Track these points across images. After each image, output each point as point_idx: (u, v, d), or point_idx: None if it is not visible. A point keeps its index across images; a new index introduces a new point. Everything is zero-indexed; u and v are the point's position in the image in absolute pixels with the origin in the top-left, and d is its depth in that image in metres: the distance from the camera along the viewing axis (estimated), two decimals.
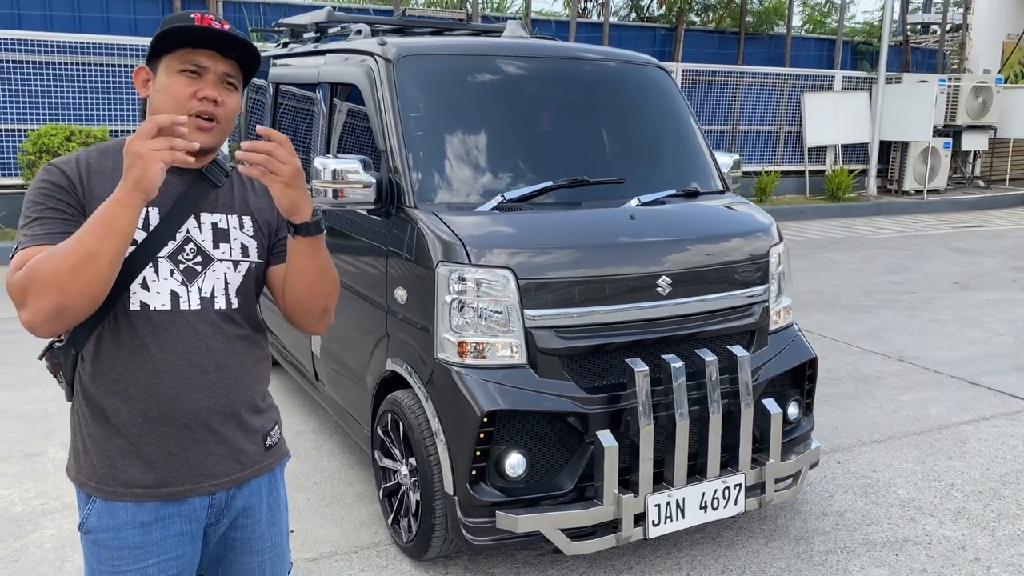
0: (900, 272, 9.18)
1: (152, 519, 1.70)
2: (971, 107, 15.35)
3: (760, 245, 3.47)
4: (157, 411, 1.67)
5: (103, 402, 1.68)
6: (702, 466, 3.14)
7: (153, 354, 1.66)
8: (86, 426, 1.71)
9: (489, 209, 3.22)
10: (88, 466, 1.70)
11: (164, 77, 1.67)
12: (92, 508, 1.70)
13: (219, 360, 1.72)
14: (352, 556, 3.33)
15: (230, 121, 1.73)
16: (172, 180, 1.70)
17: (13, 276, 1.53)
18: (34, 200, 1.63)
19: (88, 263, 1.49)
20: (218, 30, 1.65)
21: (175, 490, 1.70)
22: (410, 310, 3.21)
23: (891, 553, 3.40)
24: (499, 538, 2.95)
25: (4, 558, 3.26)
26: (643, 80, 3.98)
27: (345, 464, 4.16)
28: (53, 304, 1.50)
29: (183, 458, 1.70)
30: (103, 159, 1.70)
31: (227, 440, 1.75)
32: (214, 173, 1.77)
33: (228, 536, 1.83)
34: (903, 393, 5.31)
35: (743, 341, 3.35)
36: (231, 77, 1.71)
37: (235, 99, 1.72)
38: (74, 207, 1.63)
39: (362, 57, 3.68)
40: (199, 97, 1.66)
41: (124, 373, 1.66)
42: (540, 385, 2.98)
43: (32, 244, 1.57)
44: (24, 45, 9.81)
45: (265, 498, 1.85)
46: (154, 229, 1.67)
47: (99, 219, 1.50)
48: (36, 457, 4.18)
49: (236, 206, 1.79)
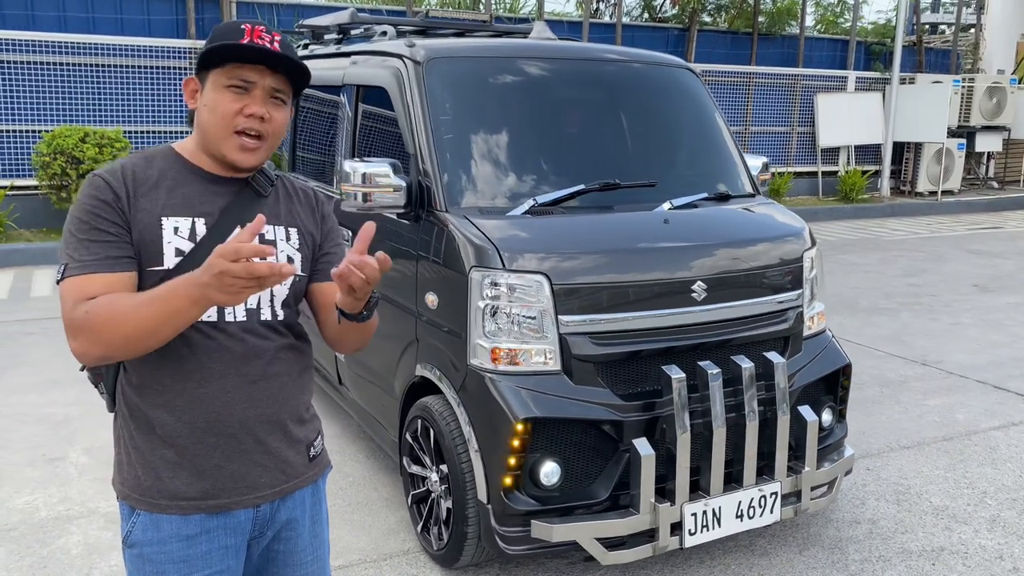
0: (918, 274, 9.11)
1: (197, 532, 1.67)
2: (985, 108, 15.25)
3: (794, 249, 3.43)
4: (204, 422, 1.65)
5: (148, 413, 1.65)
6: (738, 474, 3.09)
7: (200, 365, 1.64)
8: (130, 438, 1.69)
9: (521, 213, 3.18)
10: (132, 478, 1.68)
11: (211, 92, 1.64)
12: (136, 521, 1.68)
13: (265, 370, 1.70)
14: (382, 564, 3.29)
15: (277, 137, 1.70)
16: (219, 190, 1.69)
17: (73, 311, 1.54)
18: (80, 218, 1.60)
19: (145, 338, 1.52)
20: (266, 49, 1.61)
21: (220, 502, 1.68)
22: (441, 315, 3.17)
23: (927, 563, 3.35)
24: (534, 547, 2.91)
25: (32, 565, 3.23)
26: (672, 82, 3.94)
27: (370, 469, 4.13)
28: (103, 354, 1.55)
29: (229, 470, 1.68)
30: (149, 167, 1.67)
31: (272, 451, 1.72)
32: (260, 183, 1.74)
33: (271, 549, 1.80)
34: (928, 398, 5.25)
35: (778, 347, 3.31)
36: (279, 92, 1.67)
37: (283, 114, 1.69)
38: (120, 225, 1.60)
39: (390, 59, 3.64)
40: (246, 114, 1.63)
41: (170, 384, 1.64)
42: (575, 392, 2.94)
43: (82, 272, 1.57)
44: (38, 46, 9.81)
45: (308, 510, 1.82)
46: (200, 241, 1.64)
47: (167, 304, 1.47)
48: (59, 462, 4.16)
49: (282, 217, 1.77)
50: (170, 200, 1.64)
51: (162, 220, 1.62)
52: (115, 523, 3.56)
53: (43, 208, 9.83)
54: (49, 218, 9.90)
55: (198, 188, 1.68)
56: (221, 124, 1.63)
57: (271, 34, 1.64)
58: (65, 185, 9.30)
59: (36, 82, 9.87)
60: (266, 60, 1.62)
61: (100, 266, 1.57)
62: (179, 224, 1.63)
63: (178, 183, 1.67)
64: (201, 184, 1.68)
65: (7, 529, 3.50)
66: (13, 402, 4.95)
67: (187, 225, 1.64)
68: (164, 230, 1.62)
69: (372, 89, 3.82)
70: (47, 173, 9.24)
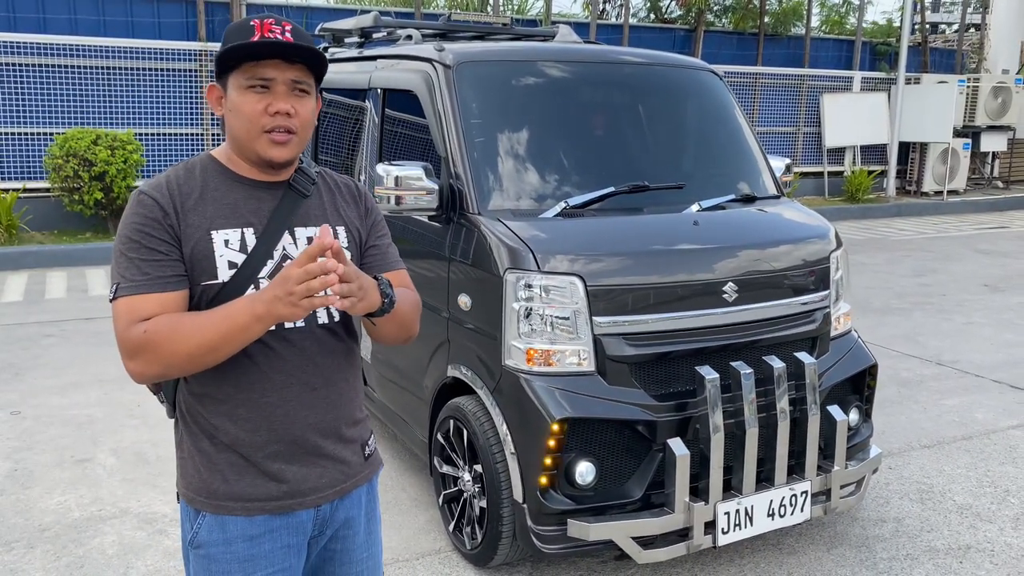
0: (928, 274, 9.14)
1: (260, 532, 1.70)
2: (990, 108, 15.28)
3: (821, 250, 3.46)
4: (267, 430, 1.68)
5: (211, 421, 1.68)
6: (769, 473, 3.12)
7: (263, 374, 1.66)
8: (194, 442, 1.71)
9: (553, 215, 3.21)
10: (198, 481, 1.70)
11: (234, 95, 1.63)
12: (202, 522, 1.70)
13: (326, 376, 1.73)
14: (415, 563, 3.32)
15: (307, 129, 1.68)
16: (262, 195, 1.69)
17: (128, 332, 1.55)
18: (129, 237, 1.60)
19: (208, 355, 1.55)
20: (279, 43, 1.59)
21: (284, 504, 1.70)
22: (475, 317, 3.20)
23: (955, 560, 3.38)
24: (570, 546, 2.94)
25: (69, 564, 3.26)
26: (697, 84, 3.97)
27: (397, 470, 4.16)
28: (161, 372, 1.58)
29: (291, 472, 1.70)
30: (191, 178, 1.67)
31: (332, 453, 1.75)
32: (301, 183, 1.74)
33: (328, 548, 1.83)
34: (946, 397, 5.28)
35: (806, 347, 3.34)
36: (301, 83, 1.64)
37: (308, 105, 1.67)
38: (170, 243, 1.60)
39: (419, 63, 3.67)
40: (271, 112, 1.62)
41: (232, 394, 1.66)
42: (609, 393, 2.97)
43: (135, 292, 1.57)
44: (50, 49, 9.85)
45: (364, 508, 1.85)
46: (252, 250, 1.65)
47: (231, 322, 1.52)
48: (87, 463, 4.19)
49: (328, 216, 1.77)
50: (218, 212, 1.64)
51: (212, 233, 1.63)
52: (149, 523, 3.60)
53: (55, 210, 9.86)
54: (61, 220, 9.93)
55: (242, 195, 1.68)
56: (249, 126, 1.62)
57: (281, 25, 1.62)
58: (77, 187, 9.34)
59: (48, 85, 9.91)
60: (281, 53, 1.60)
61: (152, 286, 1.57)
62: (229, 236, 1.64)
63: (222, 193, 1.67)
64: (244, 191, 1.68)
65: (41, 529, 3.53)
66: (37, 404, 4.98)
67: (237, 236, 1.64)
68: (215, 244, 1.63)
69: (399, 93, 3.85)
70: (59, 175, 9.27)
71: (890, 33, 17.19)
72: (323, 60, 1.66)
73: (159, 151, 10.48)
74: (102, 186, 9.34)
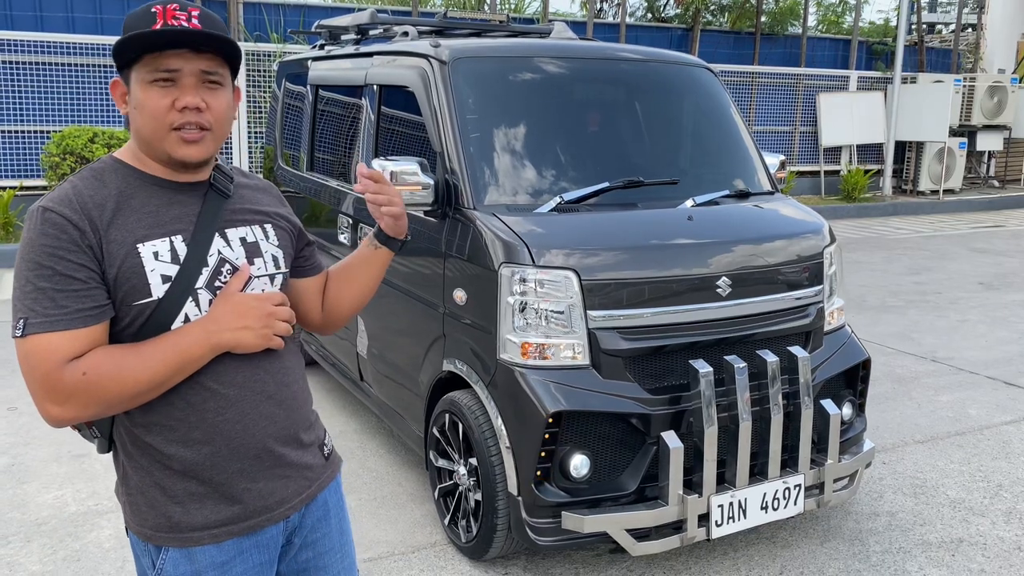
0: (923, 272, 9.17)
1: (230, 556, 1.59)
2: (986, 107, 15.33)
3: (814, 245, 3.48)
4: (226, 449, 1.55)
5: (163, 451, 1.53)
6: (762, 466, 3.14)
7: (214, 392, 1.53)
8: (145, 476, 1.55)
9: (548, 210, 3.23)
10: (155, 516, 1.55)
11: (137, 91, 1.47)
12: (166, 558, 1.56)
13: (278, 380, 1.62)
14: (410, 556, 3.34)
15: (223, 124, 1.53)
16: (183, 199, 1.55)
17: (62, 374, 1.38)
18: (39, 263, 1.40)
19: (154, 391, 1.46)
20: (184, 30, 1.43)
21: (252, 523, 1.60)
22: (470, 311, 3.22)
23: (947, 554, 3.40)
24: (564, 539, 2.96)
25: (66, 558, 3.28)
26: (691, 80, 3.99)
27: (392, 464, 4.17)
28: (94, 414, 1.44)
29: (256, 489, 1.59)
30: (101, 187, 1.49)
31: (294, 460, 1.65)
32: (222, 183, 1.61)
33: (299, 558, 1.72)
34: (940, 394, 5.30)
35: (800, 342, 3.36)
36: (212, 75, 1.49)
37: (222, 98, 1.52)
38: (90, 268, 1.42)
39: (415, 59, 3.69)
40: (178, 108, 1.46)
41: (183, 419, 1.52)
42: (604, 386, 2.99)
43: (51, 329, 1.39)
44: (47, 47, 9.85)
45: (332, 508, 1.76)
46: (185, 259, 1.50)
47: (185, 355, 1.45)
48: (84, 458, 4.20)
49: (254, 213, 1.66)
50: (140, 222, 1.48)
51: (138, 247, 1.47)
52: None
53: None
54: None
55: (163, 201, 1.53)
56: (155, 124, 1.47)
57: (187, 11, 1.46)
58: None
59: (45, 83, 9.91)
60: (188, 42, 1.45)
61: (72, 321, 1.40)
62: (157, 248, 1.48)
63: (140, 200, 1.50)
64: (164, 196, 1.53)
65: (38, 523, 3.54)
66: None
67: (166, 247, 1.49)
68: (144, 258, 1.47)
69: (395, 89, 3.87)
70: (56, 174, 9.26)
71: (886, 33, 17.23)
72: (236, 48, 1.51)
73: None
74: None
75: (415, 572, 3.24)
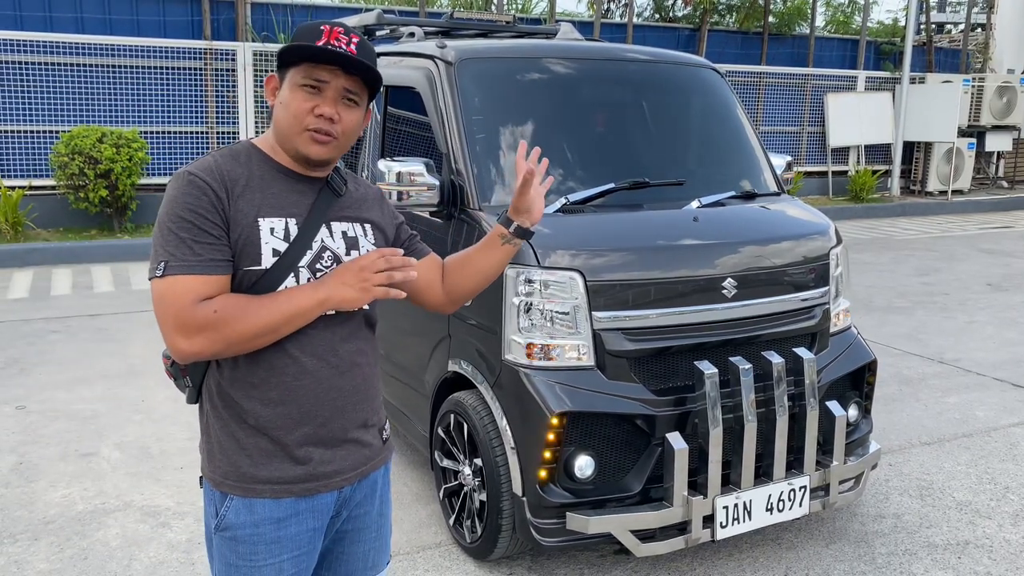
0: (931, 273, 9.14)
1: (287, 515, 1.74)
2: (995, 107, 15.26)
3: (821, 246, 3.47)
4: (298, 413, 1.72)
5: (243, 405, 1.71)
6: (767, 468, 3.14)
7: (295, 359, 1.70)
8: (223, 427, 1.74)
9: (553, 211, 3.23)
10: (226, 465, 1.73)
11: (287, 90, 1.70)
12: (230, 505, 1.73)
13: (354, 361, 1.78)
14: (415, 556, 3.35)
15: (348, 136, 1.74)
16: (303, 189, 1.76)
17: (195, 310, 1.59)
18: (182, 216, 1.62)
19: (267, 336, 1.64)
20: (338, 53, 1.65)
21: (310, 486, 1.74)
22: (475, 312, 3.22)
23: (953, 556, 3.39)
24: (569, 539, 2.96)
25: (73, 556, 3.29)
26: (698, 81, 3.99)
27: (398, 464, 4.18)
28: (218, 351, 1.63)
29: (318, 454, 1.75)
30: (236, 165, 1.72)
31: (356, 436, 1.81)
32: (336, 183, 1.82)
33: (341, 529, 1.87)
34: (947, 395, 5.29)
35: (805, 343, 3.35)
36: (352, 93, 1.71)
37: (354, 115, 1.73)
38: (221, 227, 1.64)
39: (421, 60, 3.70)
40: (316, 113, 1.68)
41: (265, 378, 1.70)
42: (609, 387, 2.99)
43: (188, 272, 1.60)
44: (56, 47, 9.89)
45: (379, 490, 1.90)
46: (294, 240, 1.71)
47: (295, 305, 1.64)
48: (91, 457, 4.22)
49: (358, 215, 1.85)
50: (264, 200, 1.70)
51: (259, 221, 1.68)
52: (152, 516, 3.62)
53: (61, 208, 9.92)
54: (67, 218, 9.98)
55: (285, 187, 1.74)
56: (293, 122, 1.69)
57: (349, 36, 1.69)
58: (83, 185, 9.39)
59: (54, 83, 9.96)
60: (340, 62, 1.67)
61: (205, 267, 1.61)
62: (274, 225, 1.69)
63: (267, 182, 1.72)
64: (287, 183, 1.74)
65: (46, 522, 3.56)
66: (42, 399, 5.02)
67: (281, 225, 1.70)
68: (262, 231, 1.67)
69: (402, 89, 3.87)
70: (65, 173, 9.32)
71: (895, 33, 17.18)
72: (378, 77, 1.73)
73: (164, 149, 10.52)
74: (107, 184, 9.39)
75: (420, 572, 3.25)
